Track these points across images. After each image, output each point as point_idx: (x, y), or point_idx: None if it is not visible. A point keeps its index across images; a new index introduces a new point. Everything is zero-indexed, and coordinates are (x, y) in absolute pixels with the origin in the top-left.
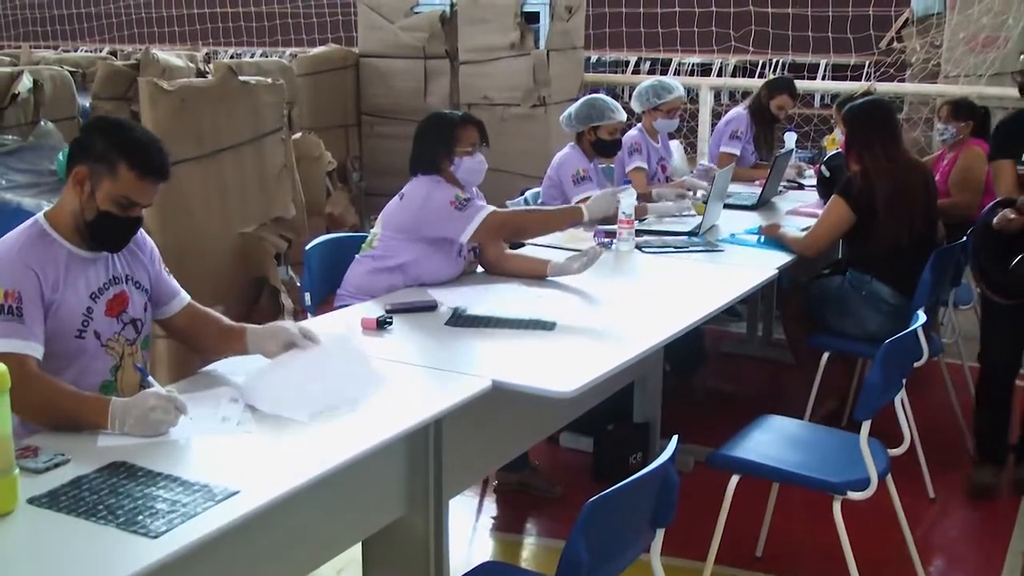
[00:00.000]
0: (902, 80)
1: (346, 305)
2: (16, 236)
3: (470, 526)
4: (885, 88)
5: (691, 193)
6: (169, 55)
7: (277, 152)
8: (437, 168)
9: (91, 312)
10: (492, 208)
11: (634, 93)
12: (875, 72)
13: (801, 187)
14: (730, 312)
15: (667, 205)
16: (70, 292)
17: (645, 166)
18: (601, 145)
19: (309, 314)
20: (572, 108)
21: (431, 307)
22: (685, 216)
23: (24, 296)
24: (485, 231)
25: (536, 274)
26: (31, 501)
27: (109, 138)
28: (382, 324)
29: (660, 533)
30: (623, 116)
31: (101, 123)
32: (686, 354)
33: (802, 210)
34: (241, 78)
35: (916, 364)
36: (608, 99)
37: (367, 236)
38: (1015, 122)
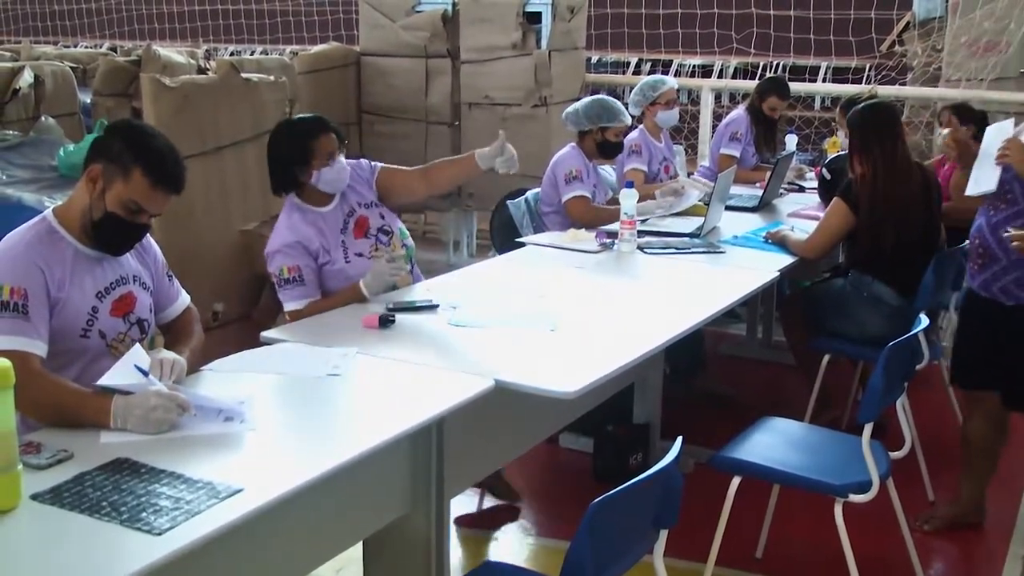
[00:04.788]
0: (903, 84)
1: None
2: (24, 232)
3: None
4: (886, 91)
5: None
6: (170, 51)
7: None
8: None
9: (96, 311)
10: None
11: (630, 99)
12: (876, 75)
13: (802, 189)
14: (730, 314)
15: (673, 185)
16: (76, 291)
17: (643, 168)
18: (606, 146)
19: None
20: (579, 106)
21: (432, 306)
22: (687, 216)
23: (30, 293)
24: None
25: (466, 172)
26: (34, 497)
27: (129, 142)
28: (384, 322)
29: (663, 534)
30: (629, 119)
31: (124, 126)
32: (686, 355)
33: (803, 212)
34: (243, 75)
35: (917, 367)
36: (616, 101)
37: None
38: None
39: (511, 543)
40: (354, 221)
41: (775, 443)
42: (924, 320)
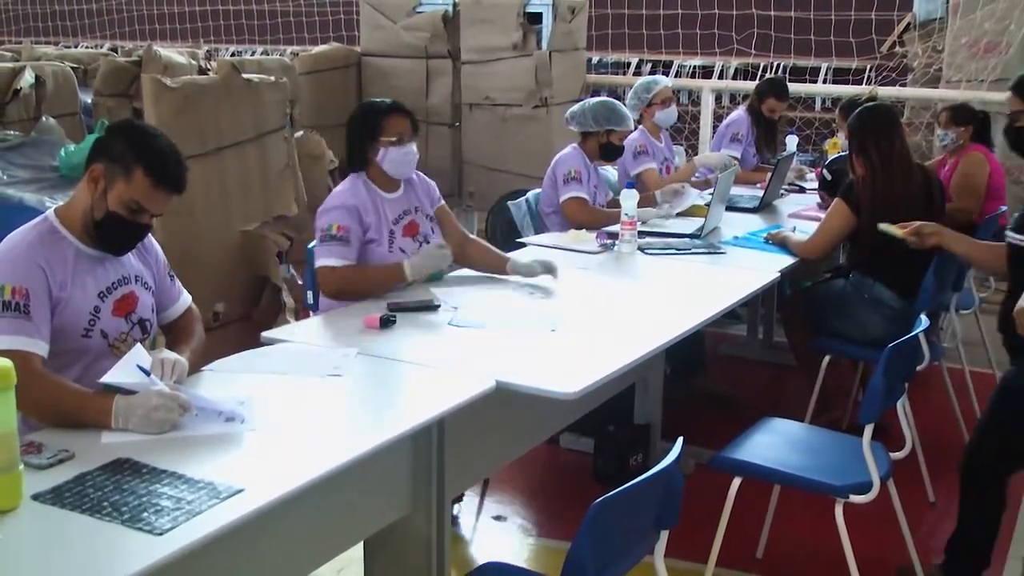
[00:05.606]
0: (903, 85)
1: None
2: (25, 232)
3: (471, 526)
4: (886, 92)
5: (695, 175)
6: (171, 52)
7: (280, 150)
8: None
9: (98, 311)
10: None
11: (626, 103)
12: (876, 76)
13: (803, 190)
14: (730, 314)
15: (674, 185)
16: (77, 291)
17: (655, 165)
18: (610, 149)
19: (312, 312)
20: (586, 107)
21: (433, 307)
22: (688, 216)
23: (32, 293)
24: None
25: (495, 267)
26: (35, 497)
27: (131, 142)
28: (385, 322)
29: (664, 535)
30: (632, 123)
31: (126, 126)
32: (686, 356)
33: (803, 213)
34: (244, 76)
35: (918, 368)
36: (623, 105)
37: None
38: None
39: (511, 543)
40: (409, 220)
41: (775, 444)
42: (925, 321)
